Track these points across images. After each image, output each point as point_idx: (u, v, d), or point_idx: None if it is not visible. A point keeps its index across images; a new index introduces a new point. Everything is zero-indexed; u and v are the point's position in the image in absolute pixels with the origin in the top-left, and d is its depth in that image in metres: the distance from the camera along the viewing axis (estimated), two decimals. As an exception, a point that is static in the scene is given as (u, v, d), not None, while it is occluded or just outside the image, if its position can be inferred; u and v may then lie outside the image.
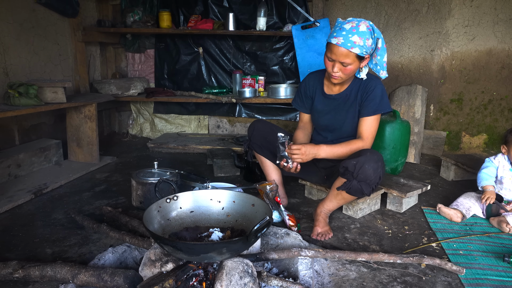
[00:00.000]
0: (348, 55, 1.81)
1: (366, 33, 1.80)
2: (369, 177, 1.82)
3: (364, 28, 1.80)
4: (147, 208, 1.50)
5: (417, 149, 3.36)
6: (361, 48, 1.81)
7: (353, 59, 1.84)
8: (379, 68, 1.97)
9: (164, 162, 3.19)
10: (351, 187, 1.89)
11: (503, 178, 2.23)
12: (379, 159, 1.85)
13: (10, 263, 1.51)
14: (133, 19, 3.67)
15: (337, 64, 1.86)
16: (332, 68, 1.89)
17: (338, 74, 1.89)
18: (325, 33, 3.37)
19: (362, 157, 1.82)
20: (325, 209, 2.05)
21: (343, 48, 1.80)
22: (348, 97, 2.06)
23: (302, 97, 2.22)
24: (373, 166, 1.81)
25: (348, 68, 1.86)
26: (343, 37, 1.79)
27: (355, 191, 1.90)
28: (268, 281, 1.44)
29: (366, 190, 1.88)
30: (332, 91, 2.11)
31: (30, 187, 2.51)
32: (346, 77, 1.93)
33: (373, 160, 1.81)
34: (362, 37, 1.79)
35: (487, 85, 3.46)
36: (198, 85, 3.95)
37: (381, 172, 1.86)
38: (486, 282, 1.59)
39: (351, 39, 1.78)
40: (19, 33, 2.88)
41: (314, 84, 2.18)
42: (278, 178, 2.29)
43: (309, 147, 1.89)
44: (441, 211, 2.23)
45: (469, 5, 3.36)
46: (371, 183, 1.86)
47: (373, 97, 1.98)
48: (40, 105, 2.52)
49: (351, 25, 1.80)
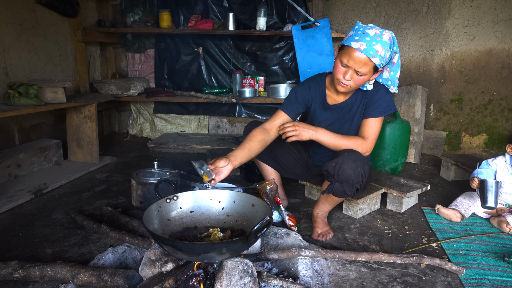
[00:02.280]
0: (367, 63, 1.67)
1: (387, 45, 1.68)
2: (349, 177, 1.74)
3: (386, 38, 1.67)
4: (147, 208, 1.49)
5: (417, 149, 3.36)
6: (381, 60, 1.68)
7: (370, 69, 1.70)
8: (390, 83, 1.87)
9: (164, 162, 3.19)
10: (334, 190, 1.85)
11: (503, 182, 2.16)
12: (357, 158, 1.74)
13: (10, 263, 1.51)
14: (133, 19, 3.67)
15: (351, 71, 1.71)
16: (344, 75, 1.73)
17: (348, 82, 1.74)
18: (325, 33, 3.37)
19: (339, 158, 1.74)
20: (321, 212, 2.05)
21: (364, 55, 1.64)
22: (353, 105, 1.94)
23: (297, 102, 1.99)
24: (351, 166, 1.72)
25: (361, 78, 1.73)
26: (366, 43, 1.64)
27: (339, 193, 1.85)
28: (268, 281, 1.44)
29: (349, 191, 1.82)
30: (335, 101, 1.98)
31: (30, 187, 2.51)
32: (355, 87, 1.79)
33: (350, 159, 1.73)
34: (384, 48, 1.66)
35: (487, 85, 3.46)
36: (198, 85, 3.95)
37: (362, 170, 1.75)
38: (486, 282, 1.59)
39: (374, 47, 1.64)
40: (19, 33, 2.88)
41: (314, 92, 2.00)
42: (277, 179, 2.28)
43: (305, 124, 1.78)
44: (439, 212, 2.22)
45: (469, 5, 3.36)
46: (353, 183, 1.78)
47: (378, 98, 1.88)
48: (40, 105, 2.52)
49: (375, 32, 1.66)
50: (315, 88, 2.00)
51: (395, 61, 1.80)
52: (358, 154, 1.77)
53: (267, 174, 2.28)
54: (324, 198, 2.01)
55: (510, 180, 2.17)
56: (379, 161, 2.89)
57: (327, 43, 3.38)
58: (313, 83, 2.01)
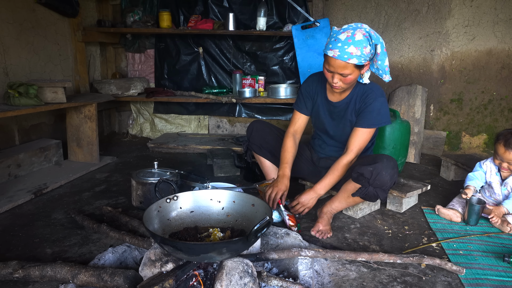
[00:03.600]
0: (346, 66, 1.76)
1: (363, 41, 1.73)
2: (385, 183, 1.84)
3: (360, 36, 1.73)
4: (147, 208, 1.49)
5: (417, 149, 3.36)
6: (359, 58, 1.74)
7: (352, 70, 1.78)
8: (381, 72, 1.92)
9: (164, 162, 3.20)
10: (367, 193, 1.90)
11: (492, 182, 2.22)
12: (395, 165, 1.87)
13: (10, 263, 1.51)
14: (133, 19, 3.67)
15: (336, 75, 1.82)
16: (332, 79, 1.85)
17: (338, 84, 1.85)
18: (325, 33, 3.37)
19: (379, 164, 1.83)
20: (332, 209, 2.07)
21: (340, 60, 1.74)
22: (348, 105, 2.02)
23: (304, 99, 2.15)
24: (390, 173, 1.83)
25: (348, 78, 1.82)
26: (339, 49, 1.73)
27: (371, 197, 1.92)
28: (268, 281, 1.43)
29: (382, 196, 1.91)
30: (333, 98, 2.07)
31: (30, 187, 2.51)
32: (348, 86, 1.89)
33: (390, 166, 1.83)
34: (359, 47, 1.72)
35: (487, 85, 3.46)
36: (198, 85, 3.95)
37: (396, 177, 1.89)
38: (486, 282, 1.59)
39: (347, 51, 1.72)
40: (19, 33, 2.88)
41: (316, 87, 2.12)
42: (278, 178, 2.29)
43: (305, 196, 1.97)
44: (439, 212, 2.22)
45: (469, 5, 3.36)
46: (386, 189, 1.89)
47: (371, 110, 1.94)
48: (40, 105, 2.52)
49: (346, 35, 1.73)
50: (317, 83, 2.12)
51: (378, 51, 1.84)
52: (395, 162, 1.89)
53: (268, 172, 2.28)
54: (344, 198, 2.04)
55: (497, 180, 2.21)
56: (379, 161, 2.89)
57: (327, 43, 3.38)
58: (316, 78, 2.14)
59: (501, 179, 2.20)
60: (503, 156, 2.09)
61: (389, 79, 1.94)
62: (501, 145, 2.09)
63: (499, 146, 2.11)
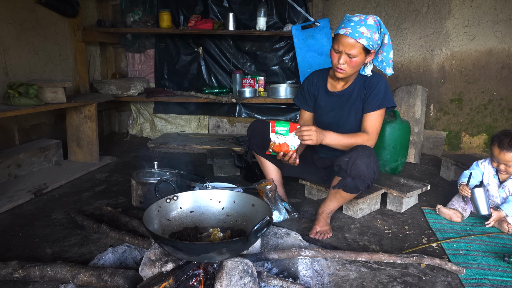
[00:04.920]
0: (355, 45, 1.82)
1: (373, 27, 1.83)
2: (362, 172, 1.81)
3: (371, 22, 1.82)
4: (147, 208, 1.49)
5: (417, 149, 3.36)
6: (368, 40, 1.81)
7: (360, 51, 1.83)
8: (385, 64, 1.97)
9: (164, 162, 3.19)
10: (346, 185, 1.88)
11: (489, 185, 2.20)
12: (370, 153, 1.83)
13: (10, 263, 1.51)
14: (133, 19, 3.67)
15: (343, 55, 1.85)
16: (338, 59, 1.88)
17: (343, 66, 1.88)
18: (325, 33, 3.37)
19: (353, 153, 1.81)
20: (326, 209, 2.06)
21: (351, 37, 1.80)
22: (351, 94, 2.05)
23: (304, 95, 2.20)
24: (365, 161, 1.80)
25: (354, 61, 1.85)
26: (351, 28, 1.81)
27: (351, 188, 1.89)
28: (268, 281, 1.44)
29: (361, 186, 1.88)
30: (335, 88, 2.10)
31: (30, 187, 2.51)
32: (351, 71, 1.92)
33: (364, 155, 1.80)
34: (369, 30, 1.81)
35: (487, 85, 3.46)
36: (198, 85, 3.95)
37: (375, 167, 1.85)
38: (486, 282, 1.59)
39: (359, 30, 1.80)
40: (19, 33, 2.88)
41: (317, 81, 2.17)
42: (278, 179, 2.28)
43: (318, 129, 1.85)
44: (440, 212, 2.22)
45: (469, 5, 3.36)
46: (365, 178, 1.85)
47: (377, 92, 1.97)
48: (40, 105, 2.52)
49: (359, 18, 1.83)
50: (318, 77, 2.17)
51: (385, 42, 1.92)
52: (371, 150, 1.86)
53: (268, 172, 2.28)
54: (332, 195, 2.02)
55: (494, 183, 2.20)
56: (379, 161, 2.88)
57: (327, 43, 3.38)
58: (316, 73, 2.20)
59: (499, 181, 2.19)
60: (498, 158, 2.09)
61: (392, 72, 2.00)
62: (496, 146, 2.09)
63: (494, 147, 2.11)
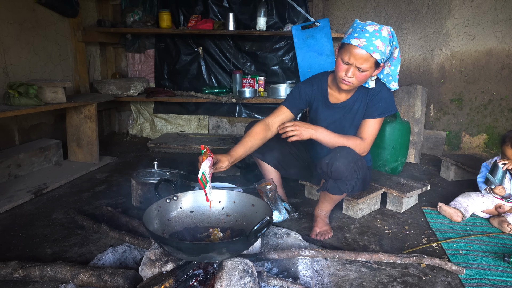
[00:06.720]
0: (368, 59, 1.68)
1: (387, 39, 1.69)
2: (342, 174, 1.75)
3: (386, 33, 1.68)
4: (147, 208, 1.49)
5: (417, 149, 3.36)
6: (382, 55, 1.69)
7: (371, 65, 1.70)
8: (391, 79, 1.87)
9: (164, 162, 3.19)
10: (328, 187, 1.86)
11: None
12: (349, 153, 1.75)
13: (10, 263, 1.51)
14: (133, 19, 3.67)
15: (353, 68, 1.71)
16: (346, 72, 1.73)
17: (351, 79, 1.75)
18: (325, 33, 3.37)
19: (332, 154, 1.76)
20: (321, 211, 2.06)
21: (365, 51, 1.66)
22: (354, 104, 1.94)
23: (296, 99, 2.00)
24: (343, 162, 1.73)
25: (363, 74, 1.73)
26: (366, 39, 1.65)
27: (333, 190, 1.87)
28: (268, 281, 1.44)
29: (343, 187, 1.83)
30: (337, 100, 1.98)
31: (30, 187, 2.51)
32: (358, 84, 1.79)
33: (342, 156, 1.74)
34: (384, 43, 1.67)
35: (487, 85, 3.46)
36: (198, 85, 3.95)
37: (355, 166, 1.77)
38: (486, 282, 1.59)
39: (374, 43, 1.65)
40: (19, 33, 2.88)
41: (315, 92, 2.01)
42: (277, 180, 2.27)
43: (305, 124, 1.78)
44: (441, 210, 2.23)
45: (469, 5, 3.36)
46: (347, 179, 1.79)
47: (379, 99, 1.88)
48: (40, 105, 2.52)
49: (374, 28, 1.68)
50: (318, 86, 2.01)
51: (395, 55, 1.81)
52: (350, 150, 1.78)
53: (267, 173, 2.27)
54: (322, 197, 2.01)
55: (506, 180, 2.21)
56: (379, 161, 2.89)
57: (327, 43, 3.38)
58: (316, 81, 2.02)
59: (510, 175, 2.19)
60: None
61: (397, 87, 1.91)
62: (509, 146, 2.09)
63: (506, 148, 2.11)
